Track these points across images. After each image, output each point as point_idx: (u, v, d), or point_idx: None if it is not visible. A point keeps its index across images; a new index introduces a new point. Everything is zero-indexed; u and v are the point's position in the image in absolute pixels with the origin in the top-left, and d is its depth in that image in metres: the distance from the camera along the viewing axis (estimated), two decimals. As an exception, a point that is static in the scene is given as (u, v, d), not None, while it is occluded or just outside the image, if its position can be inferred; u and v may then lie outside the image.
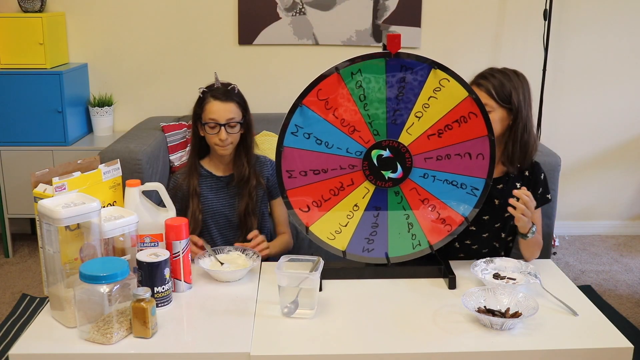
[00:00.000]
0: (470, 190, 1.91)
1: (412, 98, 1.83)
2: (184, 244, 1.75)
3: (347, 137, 1.85)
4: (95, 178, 1.78)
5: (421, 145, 1.87)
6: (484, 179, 1.90)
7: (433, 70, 1.81)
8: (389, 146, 1.85)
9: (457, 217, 1.92)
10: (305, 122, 1.84)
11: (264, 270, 1.91)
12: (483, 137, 1.87)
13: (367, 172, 1.86)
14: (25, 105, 3.37)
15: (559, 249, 3.75)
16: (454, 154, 1.88)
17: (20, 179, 3.39)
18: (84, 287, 1.48)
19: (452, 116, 1.85)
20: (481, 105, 1.84)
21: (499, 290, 1.69)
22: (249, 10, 3.62)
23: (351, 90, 1.82)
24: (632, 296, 3.19)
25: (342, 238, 1.91)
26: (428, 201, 1.90)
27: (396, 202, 1.90)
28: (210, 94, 2.18)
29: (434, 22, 3.69)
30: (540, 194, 2.10)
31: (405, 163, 1.86)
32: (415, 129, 1.85)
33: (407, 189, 1.89)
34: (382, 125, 1.84)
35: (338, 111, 1.83)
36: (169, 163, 3.22)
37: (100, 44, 3.69)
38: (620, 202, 4.01)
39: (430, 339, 1.56)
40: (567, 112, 3.83)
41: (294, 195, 1.88)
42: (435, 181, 1.89)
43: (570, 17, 3.71)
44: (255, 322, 1.61)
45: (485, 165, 1.89)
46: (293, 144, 1.85)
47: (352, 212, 1.90)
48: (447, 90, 1.83)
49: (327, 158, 1.86)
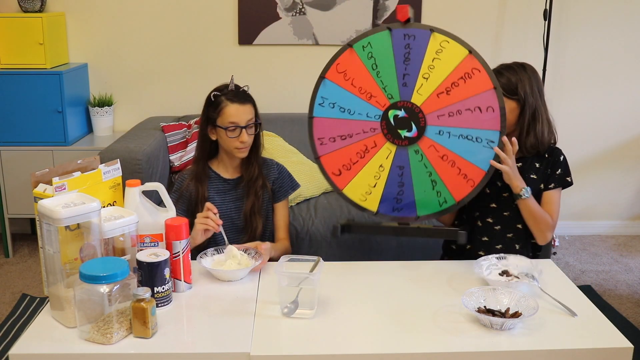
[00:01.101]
0: (487, 143, 2.00)
1: (417, 61, 2.02)
2: (184, 244, 1.75)
3: (366, 103, 2.07)
4: (95, 178, 1.78)
5: (432, 104, 2.02)
6: (497, 131, 1.98)
7: (433, 33, 2.01)
8: (404, 107, 2.03)
9: (478, 171, 2.02)
10: (329, 94, 2.09)
11: (264, 270, 1.91)
12: (489, 91, 1.98)
13: (385, 131, 2.05)
14: (25, 105, 3.37)
15: (559, 249, 3.75)
16: (464, 109, 2.00)
17: (20, 179, 3.39)
18: (84, 287, 1.48)
19: (456, 74, 2.00)
20: (482, 60, 1.97)
21: (499, 290, 1.69)
22: (249, 10, 3.62)
23: (364, 61, 2.06)
24: (632, 296, 3.19)
25: (373, 199, 2.10)
26: (447, 157, 2.02)
27: (417, 160, 2.05)
28: (227, 97, 2.16)
29: (434, 22, 3.66)
30: (559, 174, 2.15)
31: (420, 122, 2.03)
32: (424, 89, 2.02)
33: (426, 147, 2.04)
34: (394, 88, 2.04)
35: (355, 81, 2.07)
36: (169, 163, 3.22)
37: (100, 44, 3.69)
38: (620, 202, 4.01)
39: (430, 339, 1.56)
40: (567, 112, 3.83)
41: (325, 161, 2.12)
42: (451, 137, 2.02)
43: (570, 17, 3.71)
44: (255, 322, 1.61)
45: (497, 117, 1.98)
46: (321, 114, 2.11)
47: (378, 172, 2.08)
48: (448, 50, 2.00)
49: (351, 124, 2.08)
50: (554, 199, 2.15)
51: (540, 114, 2.14)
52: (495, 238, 2.19)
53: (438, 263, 2.16)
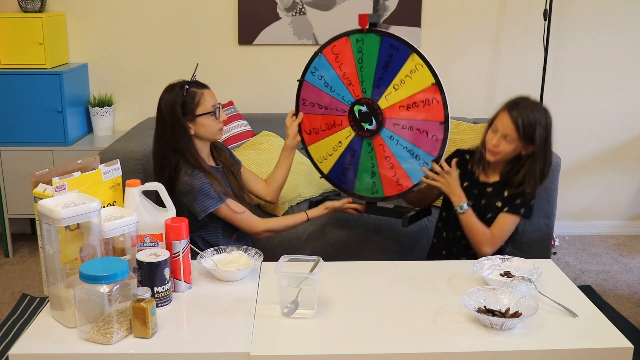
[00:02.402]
0: (422, 163, 2.31)
1: (394, 72, 2.30)
2: (184, 244, 1.75)
3: (345, 87, 2.41)
4: (95, 178, 1.78)
5: (393, 112, 2.33)
6: (433, 157, 2.29)
7: (412, 54, 2.24)
8: (367, 103, 2.36)
9: (409, 181, 2.36)
10: (320, 67, 2.44)
11: (264, 270, 1.91)
12: (439, 123, 2.25)
13: (352, 123, 2.41)
14: (25, 105, 3.37)
15: (559, 249, 3.76)
16: (415, 128, 2.31)
17: (20, 179, 3.39)
18: (84, 287, 1.48)
19: (419, 96, 2.27)
20: (443, 93, 2.20)
21: (499, 290, 1.69)
22: (249, 10, 3.62)
23: (354, 53, 2.36)
24: (632, 296, 3.19)
25: (327, 164, 2.55)
26: (389, 159, 2.38)
27: (367, 152, 2.42)
28: (197, 87, 2.27)
29: (434, 22, 3.69)
30: (516, 203, 2.22)
31: (378, 118, 2.36)
32: (391, 97, 2.32)
33: (377, 144, 2.39)
34: (369, 85, 2.35)
35: (343, 66, 2.39)
36: (169, 163, 3.22)
37: (100, 44, 3.69)
38: (620, 202, 4.01)
39: (430, 339, 1.56)
40: (567, 112, 3.83)
41: (303, 119, 2.50)
42: (398, 145, 2.35)
43: (570, 17, 3.71)
44: (255, 322, 1.61)
45: (438, 146, 2.28)
46: (310, 80, 2.47)
47: (337, 146, 2.49)
48: (419, 73, 2.25)
49: (330, 99, 2.44)
50: (503, 222, 2.23)
51: (549, 157, 2.21)
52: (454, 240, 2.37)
53: (438, 263, 2.16)
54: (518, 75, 3.76)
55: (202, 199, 2.19)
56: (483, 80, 3.76)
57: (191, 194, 2.19)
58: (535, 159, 2.19)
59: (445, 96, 2.20)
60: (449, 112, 2.20)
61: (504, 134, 2.16)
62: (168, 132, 2.22)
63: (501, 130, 2.17)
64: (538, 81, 3.65)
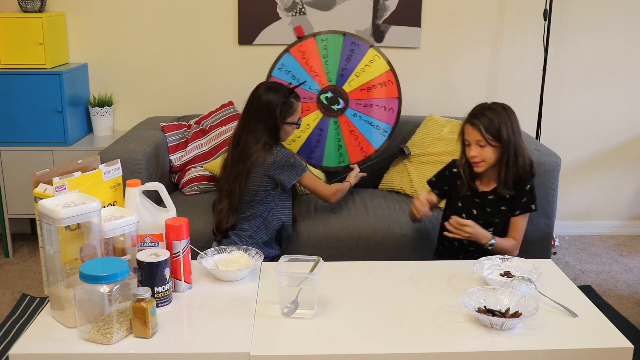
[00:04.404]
0: (382, 132, 3.08)
1: (355, 63, 3.05)
2: (184, 244, 1.75)
3: (311, 78, 3.05)
4: (95, 178, 1.78)
5: (356, 94, 3.06)
6: (391, 125, 3.08)
7: (371, 48, 3.06)
8: (332, 90, 3.03)
9: (371, 147, 3.08)
10: (287, 63, 3.06)
11: (264, 270, 1.91)
12: (394, 98, 3.07)
13: (320, 107, 3.05)
14: (25, 105, 3.36)
15: (559, 249, 3.75)
16: (374, 105, 3.07)
17: (20, 179, 3.39)
18: (84, 287, 1.48)
19: (377, 80, 3.06)
20: (396, 76, 3.03)
21: (499, 290, 1.69)
22: (249, 10, 3.61)
23: (319, 49, 3.02)
24: (632, 296, 3.19)
25: (296, 144, 3.09)
26: (354, 132, 3.07)
27: (334, 129, 3.07)
28: (296, 98, 2.61)
29: (434, 22, 3.68)
30: (523, 202, 2.35)
31: (343, 97, 3.05)
32: (354, 83, 3.06)
33: (343, 121, 3.07)
34: (334, 75, 3.06)
35: (309, 61, 3.04)
36: (169, 163, 3.22)
37: (100, 44, 3.69)
38: (620, 202, 4.01)
39: (430, 339, 1.56)
40: (567, 112, 3.83)
41: None
42: (361, 120, 3.07)
43: (570, 17, 3.71)
44: (255, 322, 1.61)
45: (393, 117, 3.09)
46: (277, 75, 3.06)
47: (305, 128, 3.06)
48: (376, 63, 3.07)
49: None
50: (519, 225, 2.38)
51: (520, 151, 2.31)
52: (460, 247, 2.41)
53: (438, 263, 2.16)
54: (518, 75, 3.76)
55: (297, 167, 2.57)
56: (483, 80, 3.76)
57: (287, 163, 2.55)
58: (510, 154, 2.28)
59: (397, 77, 3.01)
60: (401, 89, 3.02)
61: (476, 142, 2.28)
62: (260, 126, 2.54)
63: (472, 141, 2.29)
64: (538, 81, 3.64)
